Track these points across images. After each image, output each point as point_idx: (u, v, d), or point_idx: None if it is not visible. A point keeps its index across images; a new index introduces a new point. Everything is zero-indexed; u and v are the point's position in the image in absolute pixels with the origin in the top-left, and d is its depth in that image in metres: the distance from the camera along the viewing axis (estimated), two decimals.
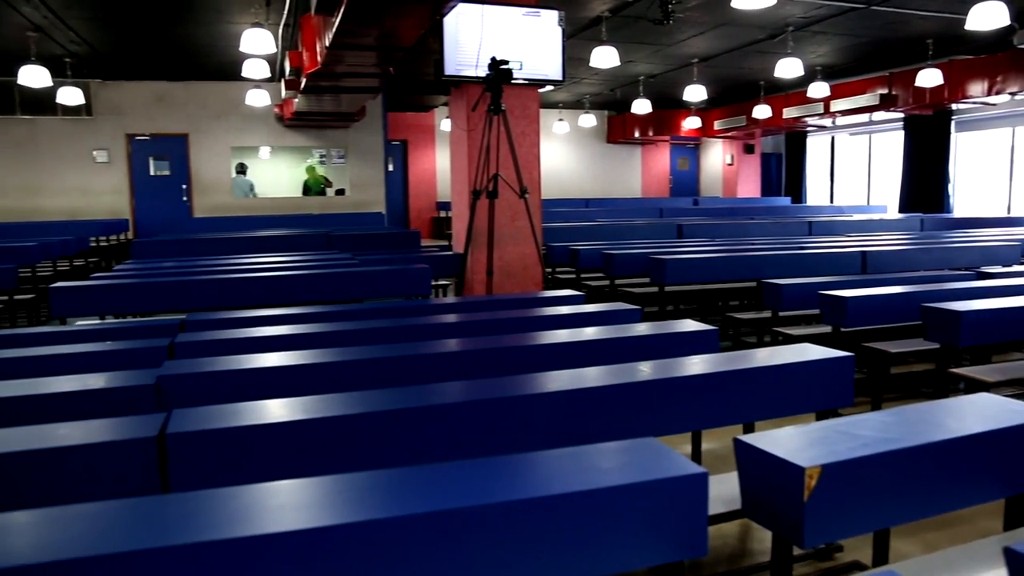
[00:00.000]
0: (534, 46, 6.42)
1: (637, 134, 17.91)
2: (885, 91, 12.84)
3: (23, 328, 3.60)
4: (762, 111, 14.27)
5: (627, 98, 15.25)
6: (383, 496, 1.43)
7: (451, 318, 3.87)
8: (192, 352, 2.81)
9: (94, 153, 13.11)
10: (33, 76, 9.22)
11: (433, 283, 6.01)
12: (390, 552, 1.34)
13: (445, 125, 15.93)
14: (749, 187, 18.58)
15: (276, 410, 1.99)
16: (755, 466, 1.74)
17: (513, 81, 5.85)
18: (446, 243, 11.53)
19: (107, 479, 1.83)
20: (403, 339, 3.21)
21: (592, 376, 2.44)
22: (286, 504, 1.38)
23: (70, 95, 11.11)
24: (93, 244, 10.55)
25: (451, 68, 6.16)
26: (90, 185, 13.15)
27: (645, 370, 2.48)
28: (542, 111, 6.92)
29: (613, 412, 2.31)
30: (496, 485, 1.48)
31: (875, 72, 12.99)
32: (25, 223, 11.45)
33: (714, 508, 2.11)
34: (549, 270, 7.65)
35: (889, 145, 15.52)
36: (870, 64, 12.62)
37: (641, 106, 13.80)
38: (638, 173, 19.53)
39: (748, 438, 1.77)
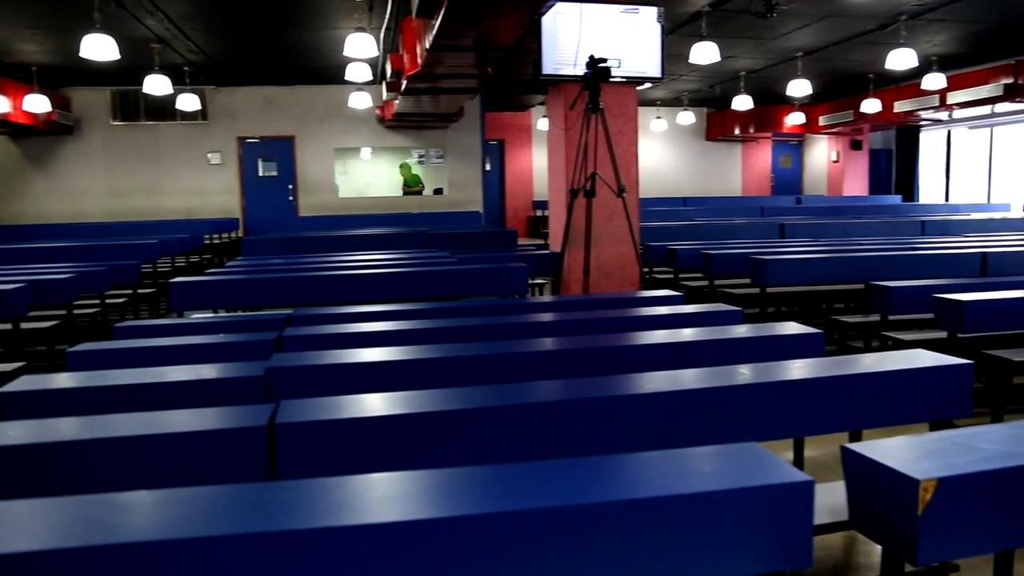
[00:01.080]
0: (632, 43, 6.36)
1: (737, 131, 17.47)
2: (1010, 81, 12.05)
3: (145, 320, 3.81)
4: (871, 105, 13.65)
5: (727, 94, 14.89)
6: (479, 492, 1.45)
7: (547, 317, 3.88)
8: (298, 346, 2.92)
9: (208, 155, 13.79)
10: (156, 84, 9.79)
11: (530, 282, 6.04)
12: (485, 548, 1.35)
13: (542, 124, 15.95)
14: (856, 185, 17.83)
15: (377, 404, 2.05)
16: (864, 476, 1.67)
17: (611, 79, 5.81)
18: (542, 242, 11.56)
19: (218, 464, 1.92)
20: (500, 337, 3.24)
21: (690, 378, 2.40)
22: (386, 496, 1.42)
23: (188, 101, 11.73)
24: (207, 241, 11.09)
25: (549, 67, 6.17)
26: (204, 186, 13.83)
27: (745, 373, 2.42)
28: (640, 109, 6.84)
29: (711, 415, 2.27)
30: (591, 486, 1.47)
31: (998, 61, 12.23)
32: (147, 222, 12.16)
33: (818, 518, 2.04)
34: (646, 270, 7.56)
35: (1014, 139, 14.59)
36: (992, 52, 11.88)
37: (742, 102, 13.46)
38: (738, 171, 19.05)
39: (857, 447, 1.70)
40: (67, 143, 13.41)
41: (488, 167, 15.65)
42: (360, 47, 7.72)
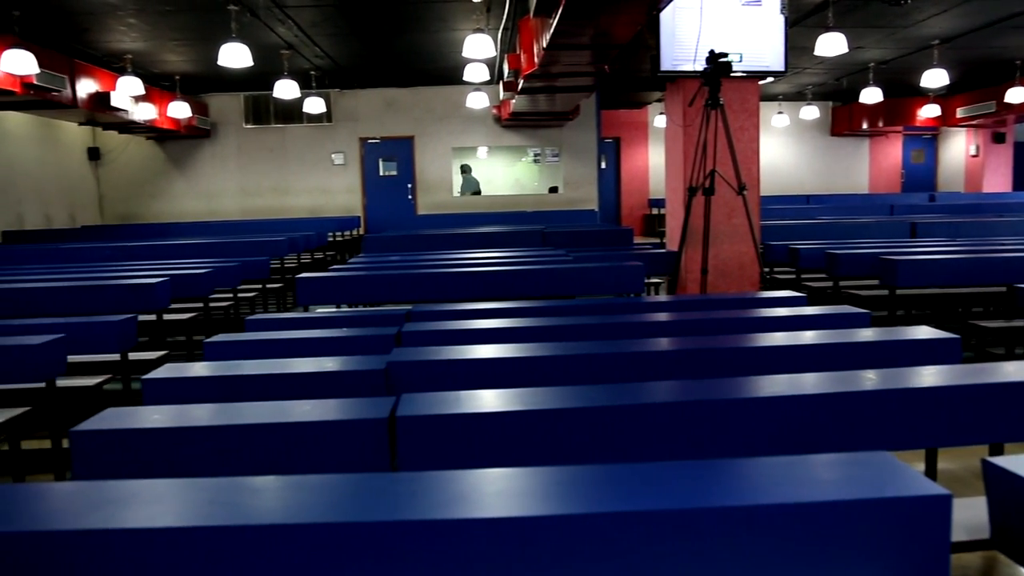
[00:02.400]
0: (754, 36, 6.17)
1: (865, 125, 16.63)
2: None
3: (273, 313, 4.00)
4: (1017, 95, 12.70)
5: (854, 87, 14.21)
6: (594, 491, 1.44)
7: (663, 316, 3.82)
8: (417, 341, 3.00)
9: (332, 156, 14.35)
10: (285, 89, 10.29)
11: (646, 281, 5.97)
12: (599, 547, 1.34)
13: (659, 122, 15.72)
14: (998, 180, 16.64)
15: (494, 400, 2.07)
16: (1009, 493, 1.56)
17: (732, 74, 5.66)
18: (658, 240, 11.40)
19: (341, 454, 2.00)
20: (615, 336, 3.22)
21: (811, 382, 2.31)
22: (504, 491, 1.43)
23: (314, 104, 12.25)
24: (330, 239, 11.54)
25: (667, 63, 6.07)
26: (328, 185, 14.41)
27: (872, 378, 2.30)
28: (761, 104, 6.63)
29: (835, 422, 2.17)
30: (708, 489, 1.44)
31: None
32: (275, 220, 12.77)
33: (955, 535, 1.92)
34: (767, 270, 7.33)
35: None
36: None
37: (871, 95, 12.80)
38: (865, 167, 18.15)
39: (1001, 461, 1.59)
40: (204, 146, 14.27)
41: (603, 165, 15.56)
42: (478, 48, 7.84)
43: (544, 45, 6.80)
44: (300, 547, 1.34)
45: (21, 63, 8.08)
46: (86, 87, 10.04)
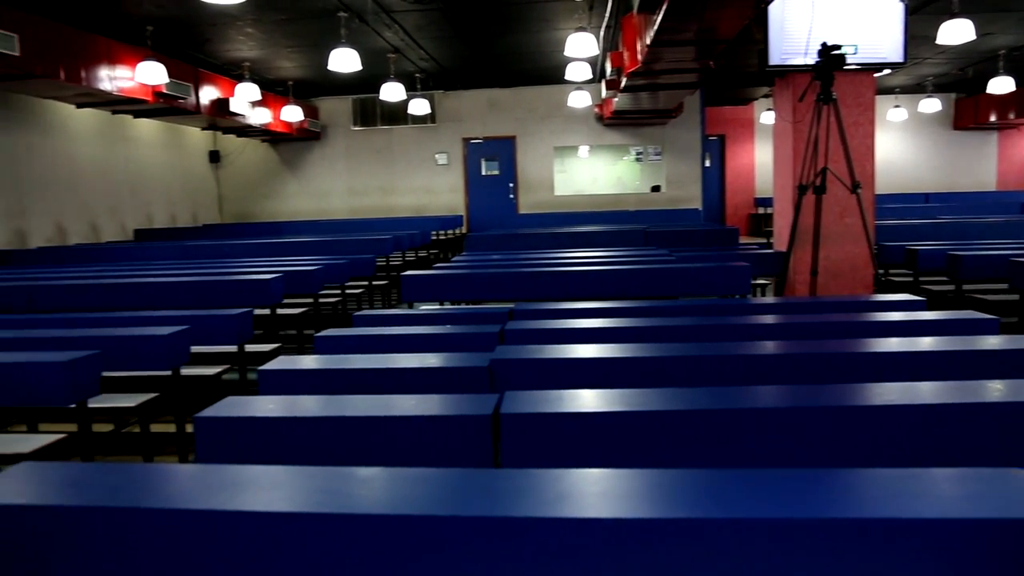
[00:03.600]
0: (870, 27, 5.90)
1: (993, 118, 15.62)
2: None
3: (379, 309, 4.12)
4: None
5: (981, 77, 13.38)
6: (697, 496, 1.42)
7: (770, 319, 3.72)
8: (520, 339, 3.02)
9: (436, 156, 14.62)
10: (392, 92, 10.57)
11: (752, 282, 5.82)
12: (700, 553, 1.32)
13: (766, 118, 15.27)
14: None
15: (598, 400, 2.07)
16: None
17: (845, 67, 5.44)
18: (764, 240, 11.08)
19: (445, 448, 2.04)
20: (720, 338, 3.15)
21: (929, 391, 2.19)
22: (607, 491, 1.43)
23: (419, 106, 12.53)
24: (434, 237, 11.76)
25: (776, 58, 5.90)
26: (432, 185, 14.69)
27: (1000, 389, 2.17)
28: (877, 97, 6.35)
29: (955, 435, 2.06)
30: (815, 499, 1.39)
31: None
32: (381, 219, 13.12)
33: None
34: (881, 272, 7.01)
35: None
36: None
37: (1000, 84, 12.01)
38: (993, 163, 17.06)
39: None
40: (315, 148, 14.81)
41: (707, 163, 15.24)
42: (581, 46, 7.82)
43: (648, 42, 6.72)
44: (404, 538, 1.38)
45: (153, 74, 8.63)
46: (208, 94, 10.59)
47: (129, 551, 1.50)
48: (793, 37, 5.83)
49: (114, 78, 8.52)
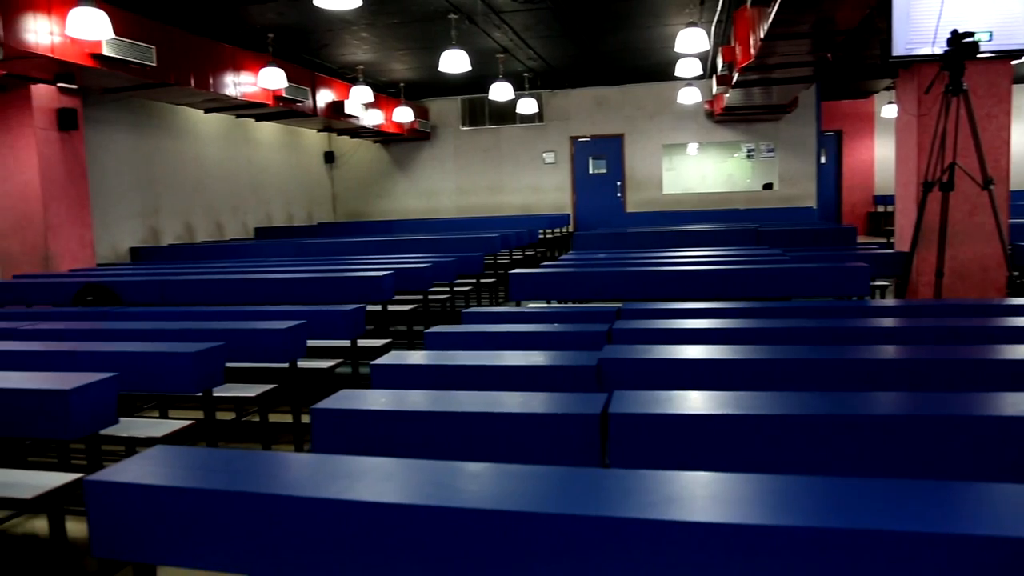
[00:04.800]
0: (1008, 11, 5.52)
1: None
2: None
3: (487, 307, 4.16)
4: None
5: None
6: (810, 503, 1.37)
7: (891, 322, 3.54)
8: (628, 338, 3.00)
9: (543, 155, 14.67)
10: (500, 91, 10.68)
11: (871, 283, 5.56)
12: (812, 562, 1.27)
13: (887, 111, 14.55)
14: None
15: (708, 402, 2.03)
16: None
17: (979, 55, 5.11)
18: (885, 240, 10.57)
19: (552, 446, 2.04)
20: (835, 341, 3.03)
21: None
22: (716, 496, 1.40)
23: (527, 105, 12.60)
24: (541, 236, 11.81)
25: (900, 48, 5.60)
26: (539, 184, 14.75)
27: None
28: (1014, 87, 5.94)
29: None
30: (939, 513, 1.31)
31: None
32: (489, 217, 13.29)
33: None
34: (1016, 274, 6.55)
35: None
36: None
37: None
38: None
39: None
40: (424, 148, 15.14)
41: (823, 160, 14.66)
42: (691, 42, 7.68)
43: (761, 35, 6.53)
44: (511, 534, 1.39)
45: (274, 79, 9.05)
46: (324, 97, 11.00)
47: (249, 533, 1.58)
48: (920, 25, 5.52)
49: (238, 84, 8.97)
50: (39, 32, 6.21)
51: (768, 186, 14.03)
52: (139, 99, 9.18)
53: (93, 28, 6.15)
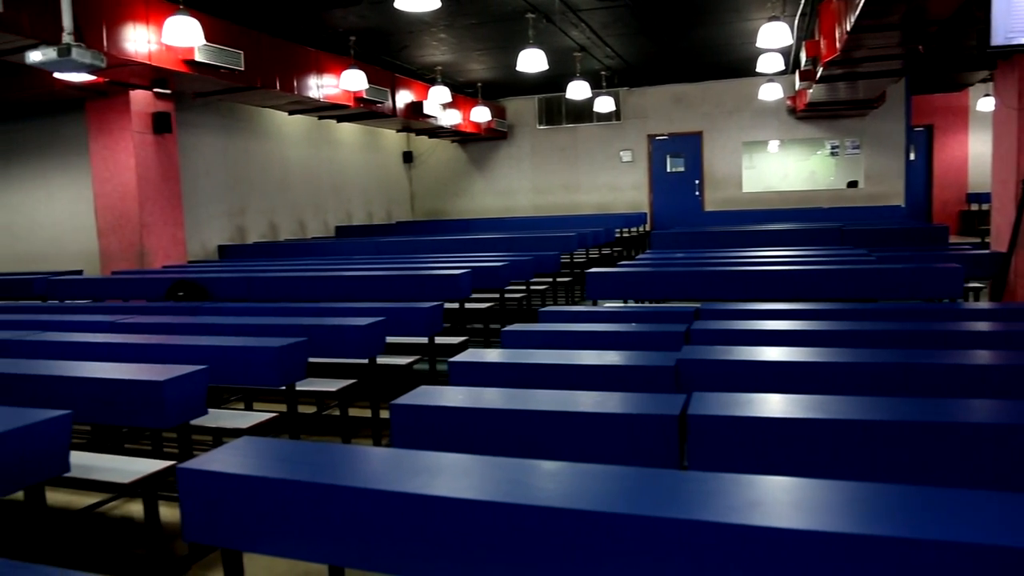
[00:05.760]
0: None
1: None
2: None
3: (563, 306, 4.16)
4: None
5: None
6: (900, 513, 1.32)
7: (985, 326, 3.38)
8: (707, 339, 2.95)
9: (620, 153, 14.56)
10: (577, 90, 10.65)
11: (963, 285, 5.32)
12: (899, 574, 1.23)
13: (983, 105, 13.88)
14: None
15: (790, 405, 1.98)
16: None
17: None
18: (979, 240, 10.10)
19: (627, 447, 2.03)
20: (925, 345, 2.91)
21: None
22: (800, 502, 1.37)
23: (604, 103, 12.52)
24: (618, 235, 11.72)
25: (999, 37, 5.32)
26: (616, 182, 14.65)
27: None
28: None
29: None
30: None
31: None
32: (565, 216, 13.26)
33: None
34: None
35: None
36: None
37: None
38: None
39: None
40: (501, 147, 15.22)
41: (912, 156, 14.09)
42: (773, 36, 7.50)
43: (848, 28, 6.32)
44: (588, 533, 1.39)
45: (355, 81, 9.25)
46: (403, 98, 11.18)
47: (331, 524, 1.62)
48: (1022, 12, 5.25)
49: (321, 86, 9.20)
50: (138, 41, 6.50)
51: (853, 184, 13.57)
52: (227, 102, 9.51)
53: (187, 35, 6.40)
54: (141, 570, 3.12)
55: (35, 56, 5.30)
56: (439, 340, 4.85)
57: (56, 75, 6.75)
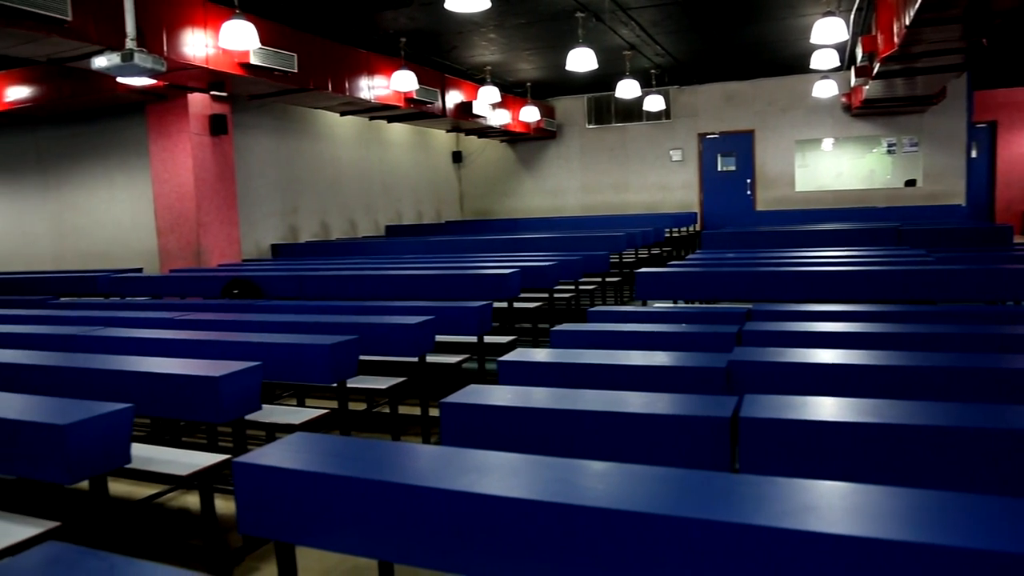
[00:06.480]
0: None
1: None
2: None
3: (613, 306, 4.14)
4: None
5: None
6: (961, 522, 1.28)
7: None
8: (759, 341, 2.91)
9: (670, 152, 14.43)
10: (627, 89, 10.58)
11: None
12: None
13: None
14: None
15: (846, 409, 1.94)
16: None
17: None
18: None
19: (677, 448, 2.01)
20: (985, 349, 2.83)
21: None
22: (855, 508, 1.34)
23: (654, 102, 12.43)
24: (667, 235, 11.62)
25: None
26: (666, 181, 14.52)
27: None
28: None
29: None
30: None
31: None
32: (614, 216, 13.20)
33: None
34: None
35: None
36: None
37: None
38: None
39: None
40: (550, 146, 15.21)
41: (974, 153, 13.67)
42: (828, 32, 7.35)
43: (906, 22, 6.16)
44: (639, 535, 1.38)
45: (405, 81, 9.35)
46: (453, 98, 11.25)
47: (382, 520, 1.64)
48: None
49: (372, 87, 9.31)
50: (196, 45, 6.67)
51: (911, 182, 13.22)
52: (281, 104, 9.68)
53: (243, 39, 6.54)
54: (197, 560, 3.20)
55: (100, 62, 5.47)
56: (488, 339, 4.87)
57: (118, 79, 6.96)
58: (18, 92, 8.38)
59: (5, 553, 2.25)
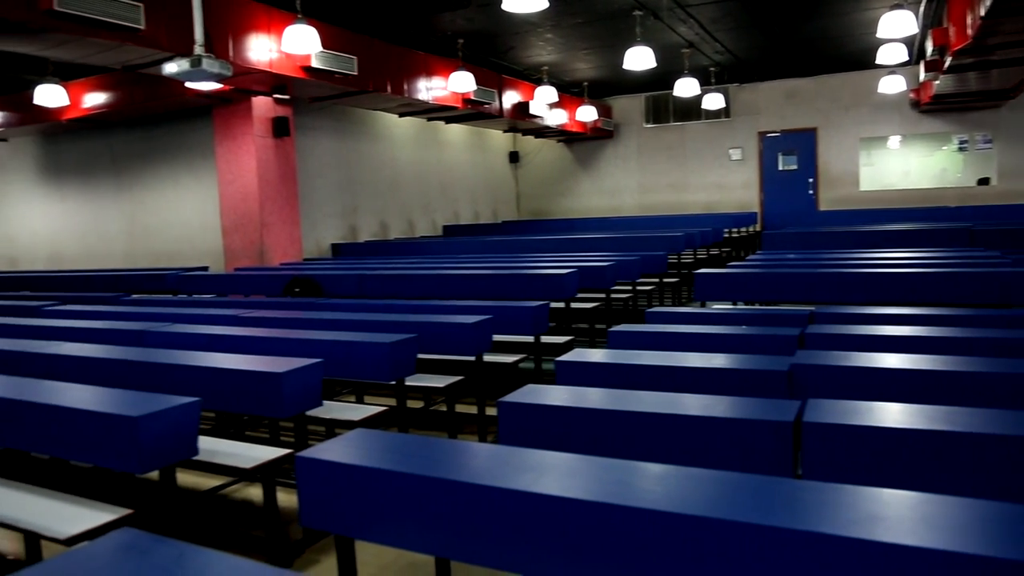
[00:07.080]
0: None
1: None
2: None
3: (671, 307, 4.09)
4: None
5: None
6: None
7: None
8: (822, 344, 2.84)
9: (730, 151, 14.20)
10: (685, 87, 10.46)
11: None
12: None
13: None
14: None
15: (910, 416, 1.89)
16: None
17: None
18: None
19: (736, 452, 1.98)
20: None
21: None
22: (924, 517, 1.30)
23: (713, 100, 12.26)
24: (726, 235, 11.44)
25: None
26: (725, 181, 14.30)
27: None
28: None
29: None
30: None
31: None
32: (672, 216, 13.06)
33: None
34: None
35: None
36: None
37: None
38: None
39: None
40: (607, 146, 15.13)
41: None
42: (896, 25, 7.15)
43: (981, 13, 5.94)
44: (698, 539, 1.37)
45: (463, 82, 9.41)
46: (510, 98, 11.27)
47: (441, 517, 1.66)
48: None
49: (430, 88, 9.40)
50: (260, 50, 6.84)
51: (984, 181, 12.75)
52: (341, 106, 9.85)
53: (305, 43, 6.67)
54: (259, 551, 3.28)
55: (170, 68, 5.66)
56: (545, 339, 4.86)
57: (187, 84, 7.17)
58: (95, 98, 8.73)
59: (83, 537, 2.35)
